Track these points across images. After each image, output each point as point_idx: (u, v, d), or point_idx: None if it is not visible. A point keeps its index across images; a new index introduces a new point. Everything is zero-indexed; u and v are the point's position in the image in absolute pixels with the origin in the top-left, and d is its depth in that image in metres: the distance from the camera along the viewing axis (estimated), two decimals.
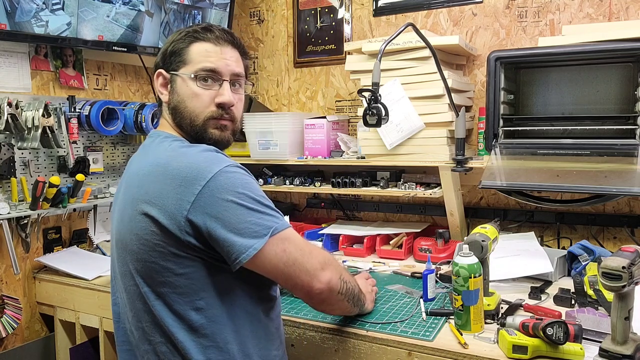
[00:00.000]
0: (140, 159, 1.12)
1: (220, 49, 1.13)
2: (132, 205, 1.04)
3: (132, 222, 1.03)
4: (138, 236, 1.02)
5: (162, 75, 1.16)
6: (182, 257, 1.00)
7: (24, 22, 1.72)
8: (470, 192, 2.06)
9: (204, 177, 0.98)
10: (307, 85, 2.43)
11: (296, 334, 1.34)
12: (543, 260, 1.54)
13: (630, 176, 1.47)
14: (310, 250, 1.07)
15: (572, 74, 1.74)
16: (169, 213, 0.98)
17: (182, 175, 0.98)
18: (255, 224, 0.99)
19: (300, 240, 1.07)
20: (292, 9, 2.44)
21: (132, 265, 1.05)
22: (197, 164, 1.00)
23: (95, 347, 1.93)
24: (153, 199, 1.00)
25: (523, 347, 1.10)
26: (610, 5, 1.80)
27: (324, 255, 1.11)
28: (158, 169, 1.02)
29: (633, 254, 1.01)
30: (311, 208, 2.45)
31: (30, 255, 1.96)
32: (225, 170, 1.00)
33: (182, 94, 1.12)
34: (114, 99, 2.23)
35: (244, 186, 1.00)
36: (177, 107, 1.13)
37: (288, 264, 1.02)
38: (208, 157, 1.03)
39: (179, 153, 1.04)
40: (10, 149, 1.84)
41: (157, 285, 1.02)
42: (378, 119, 1.46)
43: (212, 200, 0.97)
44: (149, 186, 1.01)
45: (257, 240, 0.98)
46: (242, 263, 0.98)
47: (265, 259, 1.00)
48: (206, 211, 0.97)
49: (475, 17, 2.02)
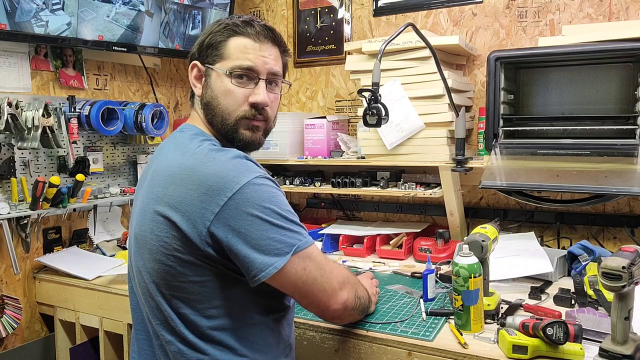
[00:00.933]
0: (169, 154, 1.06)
1: (260, 46, 1.09)
2: (154, 205, 1.01)
3: (153, 223, 1.00)
4: (158, 237, 1.00)
5: (197, 67, 1.12)
6: (198, 266, 0.98)
7: (24, 22, 1.72)
8: (470, 192, 2.06)
9: (230, 188, 0.95)
10: (307, 85, 2.43)
11: (296, 334, 1.34)
12: (543, 260, 1.54)
13: (630, 176, 1.47)
14: (331, 269, 1.06)
15: (572, 74, 1.74)
16: (191, 221, 0.95)
17: (208, 183, 0.95)
18: (277, 241, 0.96)
19: (322, 258, 1.05)
20: (292, 9, 2.44)
21: (149, 264, 1.03)
22: (225, 173, 0.96)
23: (95, 347, 1.93)
24: (177, 204, 0.97)
25: (523, 347, 1.10)
26: (610, 5, 1.80)
27: (342, 274, 1.10)
28: (184, 172, 0.98)
29: (633, 254, 1.01)
30: (311, 208, 2.45)
31: (30, 255, 1.96)
32: (253, 182, 0.96)
33: (215, 90, 1.09)
34: (114, 99, 2.23)
35: (270, 200, 0.97)
36: (210, 102, 1.10)
37: (307, 283, 1.01)
38: (237, 165, 0.99)
39: (207, 158, 1.00)
40: (10, 149, 1.84)
41: (171, 289, 1.01)
42: (378, 119, 1.46)
43: (237, 213, 0.94)
44: (174, 189, 0.98)
45: (278, 258, 0.96)
46: (260, 281, 0.96)
47: (285, 277, 0.98)
48: (229, 224, 0.94)
49: (475, 17, 2.02)
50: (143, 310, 1.10)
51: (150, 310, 1.06)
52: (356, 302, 1.13)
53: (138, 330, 1.13)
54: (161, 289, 1.02)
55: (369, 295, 1.26)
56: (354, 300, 1.12)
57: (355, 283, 1.16)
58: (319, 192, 2.32)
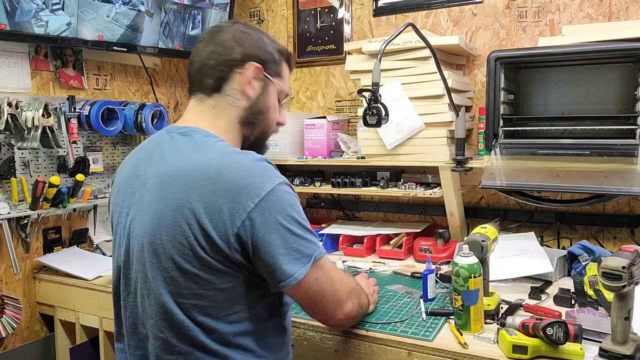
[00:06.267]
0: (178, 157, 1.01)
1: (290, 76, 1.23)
2: (176, 211, 0.96)
3: (176, 230, 0.96)
4: (182, 245, 0.96)
5: (259, 70, 1.11)
6: (225, 273, 0.97)
7: (24, 22, 1.72)
8: (470, 192, 2.06)
9: (257, 193, 0.94)
10: (307, 85, 2.43)
11: (296, 334, 1.34)
12: (543, 260, 1.54)
13: (630, 176, 1.47)
14: (340, 280, 1.07)
15: (572, 74, 1.74)
16: (220, 227, 0.94)
17: (236, 188, 0.94)
18: (297, 251, 0.97)
19: (332, 268, 1.06)
20: (292, 9, 2.44)
21: (169, 273, 0.98)
22: (251, 179, 0.95)
23: (95, 347, 1.93)
24: (204, 210, 0.94)
25: (523, 347, 1.10)
26: (610, 5, 1.80)
27: (349, 285, 1.12)
28: (208, 175, 0.95)
29: (633, 254, 1.01)
30: (311, 208, 2.45)
31: (30, 255, 1.96)
32: (277, 189, 0.96)
33: (270, 102, 1.14)
34: (114, 99, 2.23)
35: (292, 207, 0.98)
36: (260, 111, 1.13)
37: (317, 294, 1.02)
38: (262, 170, 0.98)
39: (230, 160, 0.97)
40: (10, 149, 1.84)
41: (190, 297, 0.98)
42: (378, 119, 1.46)
43: (263, 220, 0.94)
44: (199, 194, 0.95)
45: (299, 268, 0.97)
46: (282, 289, 0.98)
47: (300, 286, 0.99)
48: (255, 230, 0.94)
49: (475, 17, 2.02)
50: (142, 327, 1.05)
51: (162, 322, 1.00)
52: (359, 310, 1.16)
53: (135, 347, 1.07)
54: (177, 299, 0.98)
55: (367, 300, 1.27)
56: (357, 309, 1.14)
57: (359, 292, 1.18)
58: (319, 192, 2.32)
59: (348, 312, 1.10)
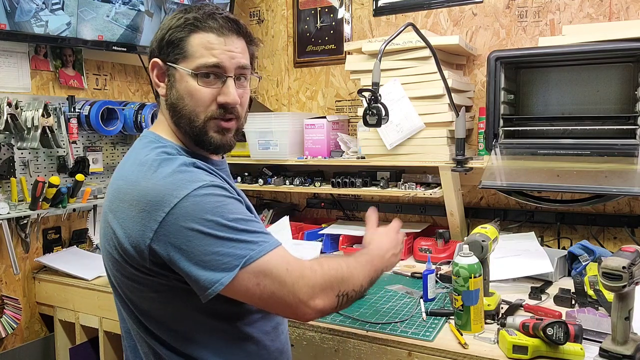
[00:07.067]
0: (121, 166, 1.02)
1: (225, 40, 0.99)
2: (104, 220, 0.97)
3: (105, 238, 0.97)
4: (109, 253, 0.97)
5: (158, 66, 1.03)
6: (150, 281, 0.93)
7: (23, 22, 1.72)
8: (470, 192, 2.06)
9: (168, 202, 0.88)
10: (307, 85, 2.43)
11: (296, 334, 1.34)
12: (543, 261, 1.54)
13: (631, 176, 1.47)
14: (294, 279, 0.92)
15: (572, 74, 1.74)
16: (132, 238, 0.90)
17: (146, 199, 0.89)
18: (223, 255, 0.88)
19: (283, 267, 0.92)
20: (292, 9, 2.44)
21: (112, 278, 1.01)
22: (164, 187, 0.89)
23: (94, 347, 1.93)
24: (119, 220, 0.92)
25: (523, 347, 1.10)
26: (610, 5, 1.80)
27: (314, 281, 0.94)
28: (127, 186, 0.93)
29: (633, 254, 1.01)
30: (311, 208, 2.45)
31: (30, 256, 1.96)
32: (193, 195, 0.89)
33: (180, 91, 1.00)
34: (114, 99, 2.23)
35: (213, 211, 0.89)
36: (175, 104, 1.01)
37: (263, 298, 0.91)
38: (178, 178, 0.91)
39: (149, 170, 0.93)
40: (10, 149, 1.84)
41: (131, 302, 0.99)
42: (378, 119, 1.46)
43: (176, 229, 0.87)
44: (118, 205, 0.94)
45: (225, 273, 0.87)
46: (208, 298, 0.88)
47: (236, 291, 0.90)
48: (169, 241, 0.88)
49: (475, 17, 2.02)
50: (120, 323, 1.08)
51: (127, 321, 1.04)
52: (340, 300, 0.99)
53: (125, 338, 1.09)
54: (125, 302, 1.00)
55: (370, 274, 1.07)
56: (333, 301, 0.97)
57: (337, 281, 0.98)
58: (319, 192, 2.32)
59: (318, 309, 0.95)
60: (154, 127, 1.08)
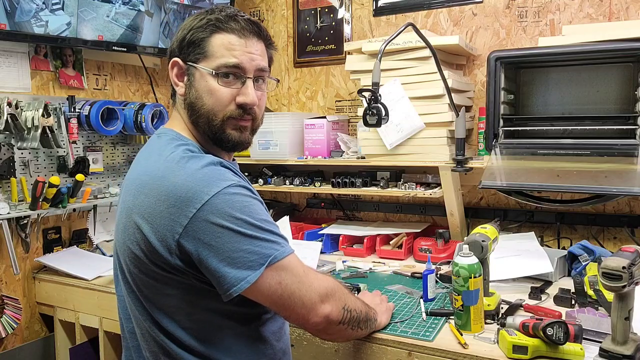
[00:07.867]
0: (142, 161, 1.03)
1: (245, 42, 1.02)
2: (126, 215, 0.98)
3: (125, 234, 0.98)
4: (129, 249, 0.97)
5: (178, 65, 1.06)
6: (169, 279, 0.95)
7: (23, 22, 1.72)
8: (470, 192, 2.06)
9: (199, 199, 0.90)
10: (307, 85, 2.43)
11: (296, 334, 1.34)
12: (543, 261, 1.54)
13: (631, 176, 1.47)
14: (311, 281, 0.99)
15: (572, 74, 1.74)
16: (160, 233, 0.92)
17: (177, 194, 0.91)
18: (251, 253, 0.91)
19: (301, 269, 0.98)
20: (292, 9, 2.44)
21: (127, 275, 1.02)
22: (195, 183, 0.91)
23: (94, 347, 1.93)
24: (145, 215, 0.93)
25: (523, 347, 1.10)
26: (610, 5, 1.80)
27: (326, 286, 1.02)
28: (154, 181, 0.94)
29: (633, 254, 1.01)
30: (311, 208, 2.45)
31: (30, 256, 1.96)
32: (223, 192, 0.91)
33: (200, 90, 1.02)
34: (114, 99, 2.23)
35: (242, 210, 0.92)
36: (194, 103, 1.03)
37: (283, 297, 0.95)
38: (208, 174, 0.93)
39: (178, 166, 0.95)
40: (10, 149, 1.84)
41: (146, 300, 0.99)
42: (378, 119, 1.46)
43: (206, 225, 0.90)
44: (143, 200, 0.94)
45: (251, 272, 0.91)
46: (232, 296, 0.91)
47: (258, 290, 0.93)
48: (198, 237, 0.90)
49: (475, 17, 2.02)
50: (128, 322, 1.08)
51: (136, 320, 1.04)
52: (344, 315, 1.05)
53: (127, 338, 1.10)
54: (139, 300, 1.01)
55: (367, 309, 1.17)
56: (340, 313, 1.03)
57: (344, 295, 1.07)
58: (319, 192, 2.32)
59: (326, 315, 1.00)
60: (170, 125, 1.09)
